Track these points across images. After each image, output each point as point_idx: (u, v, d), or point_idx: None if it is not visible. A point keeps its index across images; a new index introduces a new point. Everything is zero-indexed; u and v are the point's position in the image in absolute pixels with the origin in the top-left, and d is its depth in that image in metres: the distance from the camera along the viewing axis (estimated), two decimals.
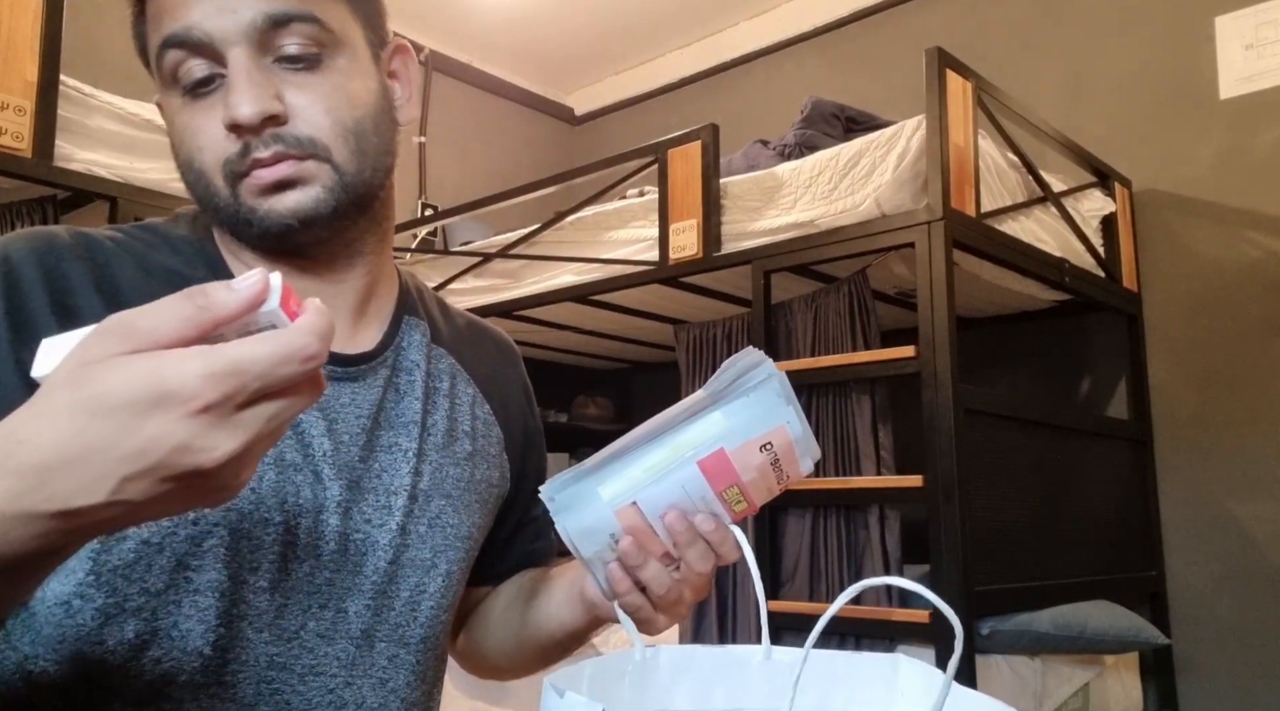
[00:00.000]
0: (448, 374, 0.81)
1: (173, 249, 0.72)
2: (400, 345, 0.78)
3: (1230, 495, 2.39)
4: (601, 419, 3.65)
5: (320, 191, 0.67)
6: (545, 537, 0.92)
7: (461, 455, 0.79)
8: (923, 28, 3.09)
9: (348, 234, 0.72)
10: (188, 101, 0.66)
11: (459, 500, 0.77)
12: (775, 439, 0.62)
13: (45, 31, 1.90)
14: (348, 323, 0.75)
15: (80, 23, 2.09)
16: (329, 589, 0.69)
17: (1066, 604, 1.97)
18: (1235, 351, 2.42)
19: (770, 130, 2.61)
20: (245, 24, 0.64)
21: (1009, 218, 2.07)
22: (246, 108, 0.63)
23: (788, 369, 2.06)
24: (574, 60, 3.98)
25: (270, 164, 0.65)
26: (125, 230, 0.73)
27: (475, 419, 0.82)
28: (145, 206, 2.05)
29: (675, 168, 2.27)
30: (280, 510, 0.66)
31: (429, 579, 0.74)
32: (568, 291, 2.51)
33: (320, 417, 0.70)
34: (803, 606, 1.97)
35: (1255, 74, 2.45)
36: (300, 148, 0.66)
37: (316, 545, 0.68)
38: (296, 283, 0.72)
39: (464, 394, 0.82)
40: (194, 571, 0.63)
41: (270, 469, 0.67)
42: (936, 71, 1.87)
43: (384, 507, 0.72)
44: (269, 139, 0.65)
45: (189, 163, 0.68)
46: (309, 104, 0.66)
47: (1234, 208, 2.45)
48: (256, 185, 0.66)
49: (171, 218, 0.77)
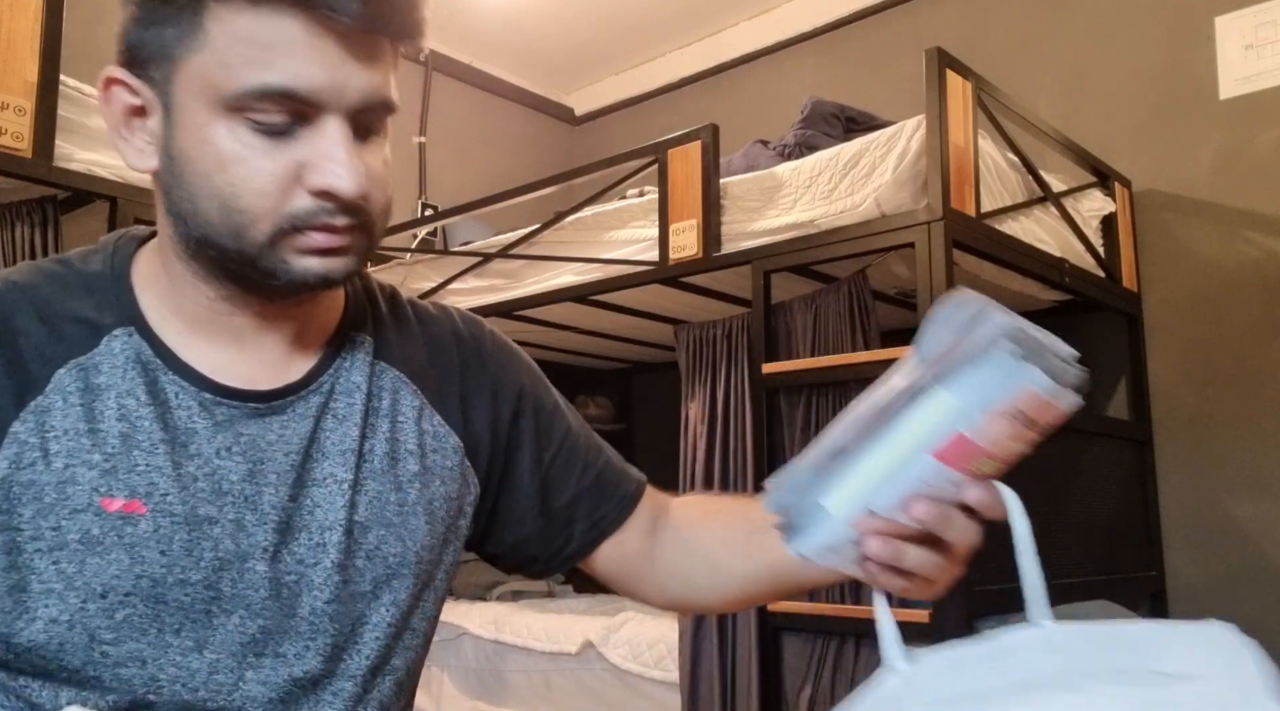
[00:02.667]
0: (389, 390, 0.77)
1: (86, 288, 0.70)
2: (341, 368, 0.75)
3: (1230, 495, 2.39)
4: (602, 419, 3.65)
5: (354, 260, 0.68)
6: (610, 499, 0.86)
7: (405, 477, 0.76)
8: (923, 28, 3.09)
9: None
10: (248, 132, 0.63)
11: (401, 527, 0.74)
12: (1022, 402, 0.52)
13: (45, 31, 1.90)
14: (283, 353, 0.73)
15: (80, 22, 2.09)
16: (264, 637, 0.67)
17: (1066, 603, 1.97)
18: (1235, 351, 2.42)
19: (770, 130, 2.61)
20: (357, 104, 0.64)
21: (1009, 218, 2.07)
22: (352, 185, 0.63)
23: (788, 369, 2.06)
24: (574, 60, 3.98)
25: (339, 233, 0.65)
26: (42, 269, 0.71)
27: (423, 433, 0.78)
28: (145, 207, 2.05)
29: (675, 168, 2.27)
30: (197, 568, 0.65)
31: (370, 610, 0.72)
32: (568, 291, 2.51)
33: (242, 461, 0.68)
34: (802, 606, 1.97)
35: (1255, 74, 2.45)
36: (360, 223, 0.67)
37: (245, 595, 0.66)
38: (231, 321, 0.71)
39: (408, 408, 0.78)
40: (111, 645, 0.62)
41: (180, 528, 0.65)
42: (936, 71, 1.87)
43: (318, 545, 0.70)
44: (348, 210, 0.65)
45: (226, 194, 0.63)
46: (375, 185, 0.67)
47: (1234, 208, 2.45)
48: (309, 245, 0.65)
49: (94, 247, 0.74)
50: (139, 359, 0.68)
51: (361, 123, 0.66)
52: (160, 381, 0.68)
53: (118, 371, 0.67)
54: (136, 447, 0.65)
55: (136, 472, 0.65)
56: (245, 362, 0.71)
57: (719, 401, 2.23)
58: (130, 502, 0.64)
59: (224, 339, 0.71)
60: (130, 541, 0.63)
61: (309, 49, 0.61)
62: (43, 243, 1.95)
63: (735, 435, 2.17)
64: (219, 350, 0.71)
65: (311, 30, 0.61)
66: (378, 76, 0.64)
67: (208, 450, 0.68)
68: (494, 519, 0.85)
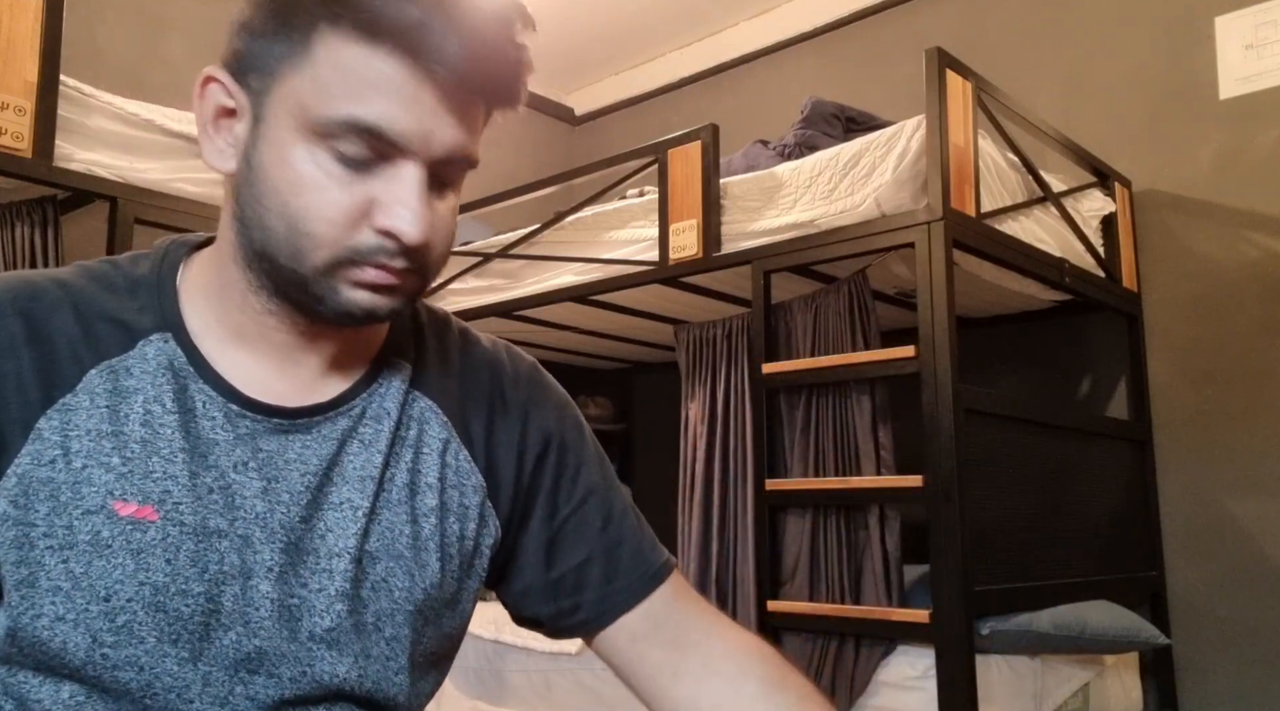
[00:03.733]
0: (418, 420, 0.76)
1: (130, 291, 0.70)
2: (375, 392, 0.75)
3: (1231, 495, 2.39)
4: (602, 419, 3.65)
5: (403, 300, 0.68)
6: (626, 573, 0.81)
7: (422, 510, 0.74)
8: (923, 28, 3.09)
9: None
10: (330, 160, 0.63)
11: (411, 561, 0.73)
12: None
13: (45, 31, 1.90)
14: (320, 372, 0.73)
15: (80, 23, 2.09)
16: (259, 656, 0.67)
17: (1066, 604, 1.97)
18: (1235, 351, 2.42)
19: (770, 130, 2.61)
20: (439, 154, 0.64)
21: (1009, 218, 2.07)
22: (417, 233, 0.64)
23: (788, 369, 2.06)
24: (574, 60, 3.98)
25: (394, 275, 0.66)
26: (90, 270, 0.72)
27: (445, 467, 0.76)
28: (145, 206, 2.05)
29: (675, 168, 2.27)
30: (200, 580, 0.65)
31: (371, 643, 0.71)
32: (568, 291, 2.51)
33: (257, 476, 0.68)
34: (802, 606, 1.97)
35: (1255, 74, 2.45)
36: (422, 268, 0.67)
37: (244, 612, 0.66)
38: (275, 336, 0.71)
39: (434, 440, 0.76)
40: (111, 648, 0.63)
41: (189, 538, 0.65)
42: (936, 71, 1.87)
43: (324, 571, 0.69)
44: (408, 254, 0.65)
45: (296, 216, 0.64)
46: (439, 233, 0.67)
47: (1234, 208, 2.45)
48: (363, 279, 0.65)
49: (146, 251, 0.75)
50: (171, 365, 0.68)
51: (440, 174, 0.66)
52: (189, 389, 0.68)
53: (148, 376, 0.68)
54: (156, 454, 0.66)
55: (152, 479, 0.65)
56: (281, 378, 0.71)
57: (719, 401, 2.23)
58: (142, 508, 0.64)
59: (264, 352, 0.71)
60: (137, 547, 0.64)
61: (405, 93, 0.62)
62: (42, 243, 1.95)
63: (735, 435, 2.18)
64: (257, 362, 0.71)
65: (413, 75, 0.62)
66: (466, 132, 0.65)
67: (225, 463, 0.68)
68: (507, 564, 0.83)
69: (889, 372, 1.92)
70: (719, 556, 2.15)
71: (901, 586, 1.93)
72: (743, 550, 2.10)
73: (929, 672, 1.79)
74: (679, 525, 2.25)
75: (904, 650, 1.91)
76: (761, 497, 2.06)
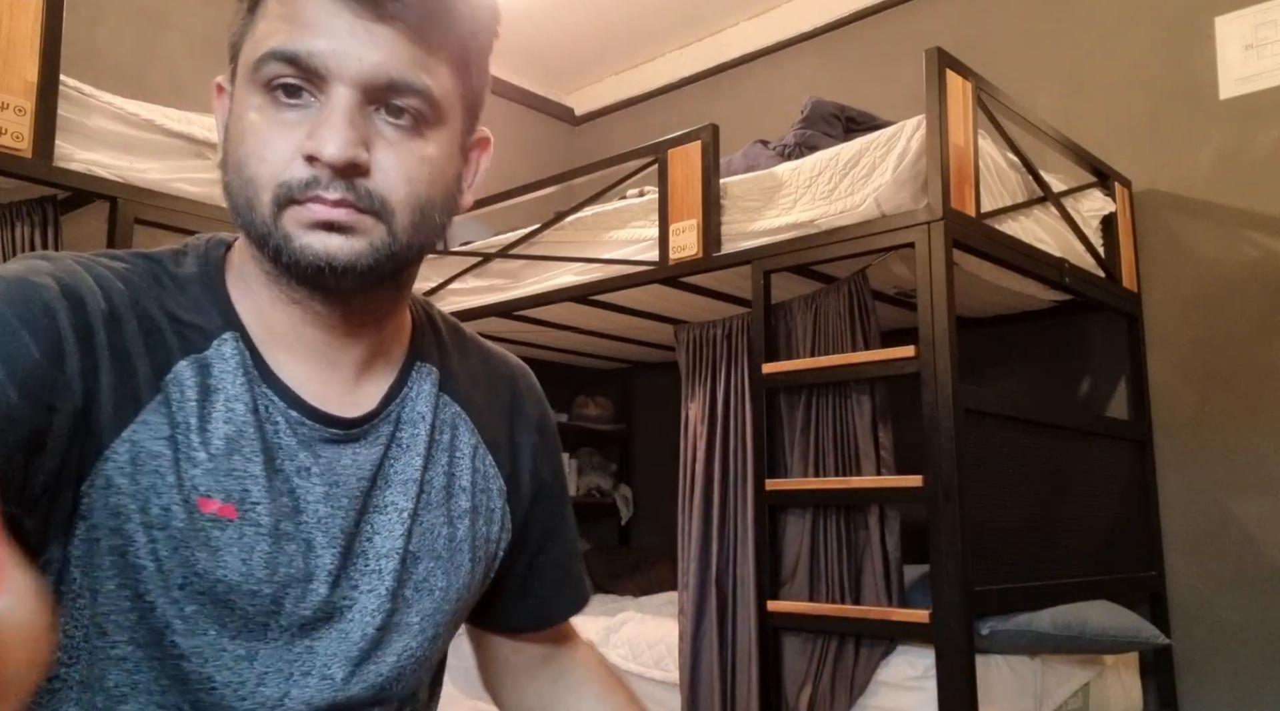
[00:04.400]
0: (450, 425, 0.78)
1: (180, 289, 0.70)
2: (408, 396, 0.76)
3: (1231, 495, 2.39)
4: (602, 419, 3.65)
5: (366, 247, 0.65)
6: (565, 593, 0.90)
7: (457, 512, 0.77)
8: (922, 28, 3.09)
9: (371, 296, 0.71)
10: (266, 104, 0.64)
11: (449, 561, 0.76)
12: None
13: (45, 31, 1.90)
14: (352, 378, 0.73)
15: (80, 23, 2.09)
16: (310, 657, 0.68)
17: (1066, 604, 1.97)
18: (1235, 351, 2.42)
19: (770, 130, 2.61)
20: (365, 75, 0.63)
21: (1009, 218, 2.07)
22: (335, 148, 0.62)
23: (788, 369, 2.06)
24: (574, 60, 3.98)
25: (331, 205, 0.64)
26: (136, 268, 0.69)
27: (475, 471, 0.79)
28: (145, 206, 2.05)
29: (675, 168, 2.28)
30: (270, 582, 0.66)
31: (415, 643, 0.74)
32: (568, 291, 2.52)
33: (320, 482, 0.69)
34: (802, 606, 1.97)
35: (1255, 74, 2.45)
36: (368, 203, 0.64)
37: (301, 613, 0.68)
38: (306, 332, 0.70)
39: (465, 445, 0.79)
40: (180, 636, 0.64)
41: (263, 540, 0.66)
42: (936, 71, 1.87)
43: (374, 572, 0.71)
44: (340, 184, 0.63)
45: (241, 164, 0.65)
46: (393, 166, 0.65)
47: (1234, 208, 2.46)
48: (307, 217, 0.64)
49: (178, 248, 0.74)
50: (244, 366, 0.69)
51: (392, 103, 0.65)
52: (254, 391, 0.69)
53: (228, 376, 0.68)
54: (238, 452, 0.66)
55: (234, 477, 0.66)
56: (321, 381, 0.72)
57: (719, 401, 2.23)
58: (225, 506, 0.65)
59: (302, 354, 0.71)
60: (216, 544, 0.65)
61: (321, 17, 0.63)
62: (42, 242, 1.95)
63: (735, 435, 2.18)
64: (299, 364, 0.71)
65: (330, 7, 0.63)
66: (396, 55, 0.64)
67: (289, 467, 0.69)
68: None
69: (889, 373, 1.92)
70: (719, 556, 2.15)
71: (901, 586, 1.93)
72: (743, 550, 2.10)
73: (929, 673, 1.79)
74: (679, 525, 2.25)
75: (904, 650, 1.91)
76: (761, 497, 2.06)
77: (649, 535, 3.64)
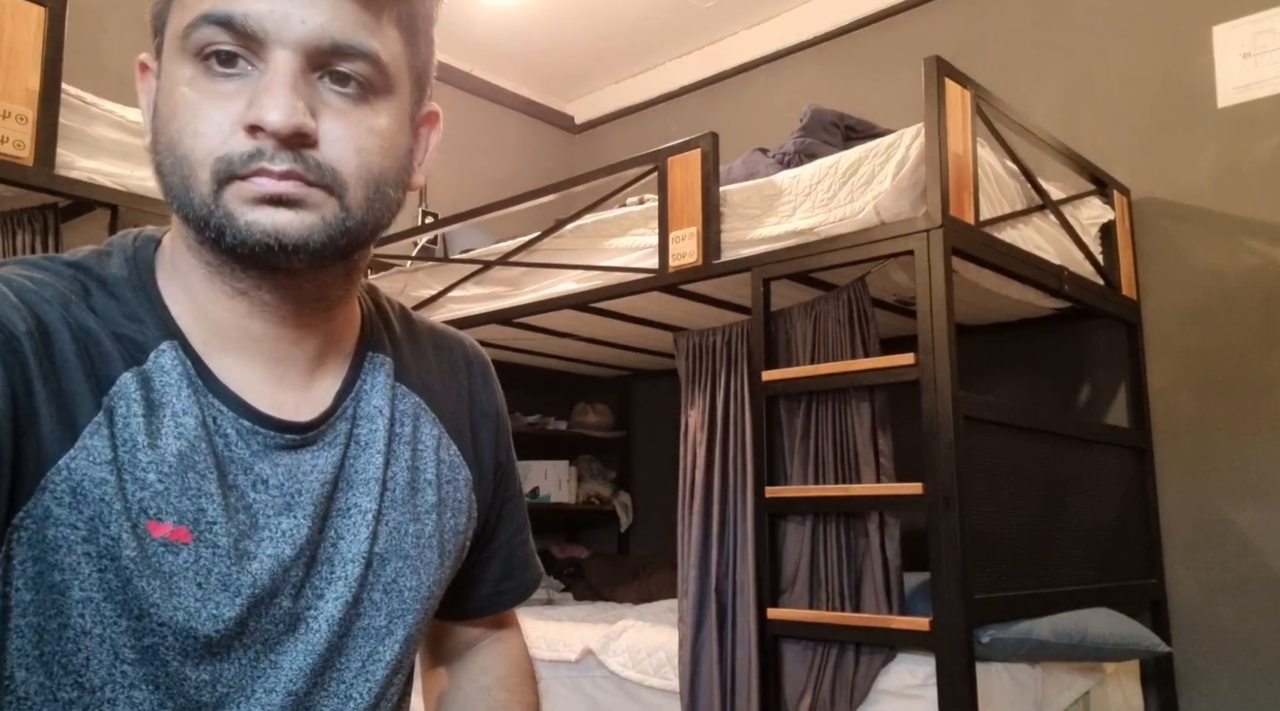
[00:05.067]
0: (410, 416, 0.75)
1: (111, 295, 0.64)
2: (362, 390, 0.72)
3: (1230, 502, 2.39)
4: (601, 426, 3.65)
5: (317, 222, 0.61)
6: (516, 576, 0.87)
7: (424, 508, 0.74)
8: (921, 36, 3.10)
9: (322, 277, 0.66)
10: (199, 75, 0.60)
11: (417, 559, 0.73)
12: None
13: (47, 40, 1.90)
14: (305, 376, 0.69)
15: (82, 31, 2.10)
16: (273, 672, 0.66)
17: (1067, 611, 1.97)
18: (1234, 359, 2.42)
19: (769, 138, 2.61)
20: (307, 38, 0.59)
21: (1008, 225, 2.07)
22: (279, 115, 0.58)
23: (788, 376, 2.06)
24: (574, 68, 3.99)
25: (277, 177, 0.59)
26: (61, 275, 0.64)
27: (440, 463, 0.76)
28: (146, 214, 2.05)
29: (675, 175, 2.28)
30: (232, 605, 0.63)
31: (384, 647, 0.71)
32: (568, 299, 2.52)
33: (279, 493, 0.66)
34: (802, 614, 1.96)
35: (1253, 83, 2.45)
36: (318, 175, 0.60)
37: (265, 630, 0.65)
38: (253, 328, 0.66)
39: (428, 437, 0.76)
40: (131, 665, 0.61)
41: (221, 561, 0.62)
42: (935, 80, 1.88)
43: (338, 578, 0.68)
44: (287, 155, 0.59)
45: (174, 142, 0.60)
46: (342, 136, 0.61)
47: (1232, 216, 2.46)
48: (252, 192, 0.59)
49: (102, 248, 0.68)
50: (186, 376, 0.64)
51: (336, 69, 0.61)
52: (201, 403, 0.64)
53: (171, 389, 0.63)
54: (191, 469, 0.62)
55: (188, 496, 0.62)
56: (273, 382, 0.68)
57: (719, 408, 2.23)
58: (178, 529, 0.61)
59: (250, 353, 0.67)
60: (169, 570, 0.61)
61: None
62: (44, 250, 1.96)
63: (735, 442, 2.18)
64: (249, 367, 0.67)
65: None
66: (338, 16, 0.60)
67: (244, 482, 0.65)
68: None
69: (889, 380, 1.92)
70: (719, 564, 2.15)
71: (901, 594, 1.92)
72: (742, 557, 2.10)
73: (929, 681, 1.79)
74: (678, 532, 2.25)
75: (904, 658, 1.91)
76: (761, 505, 2.06)
77: (648, 542, 3.63)
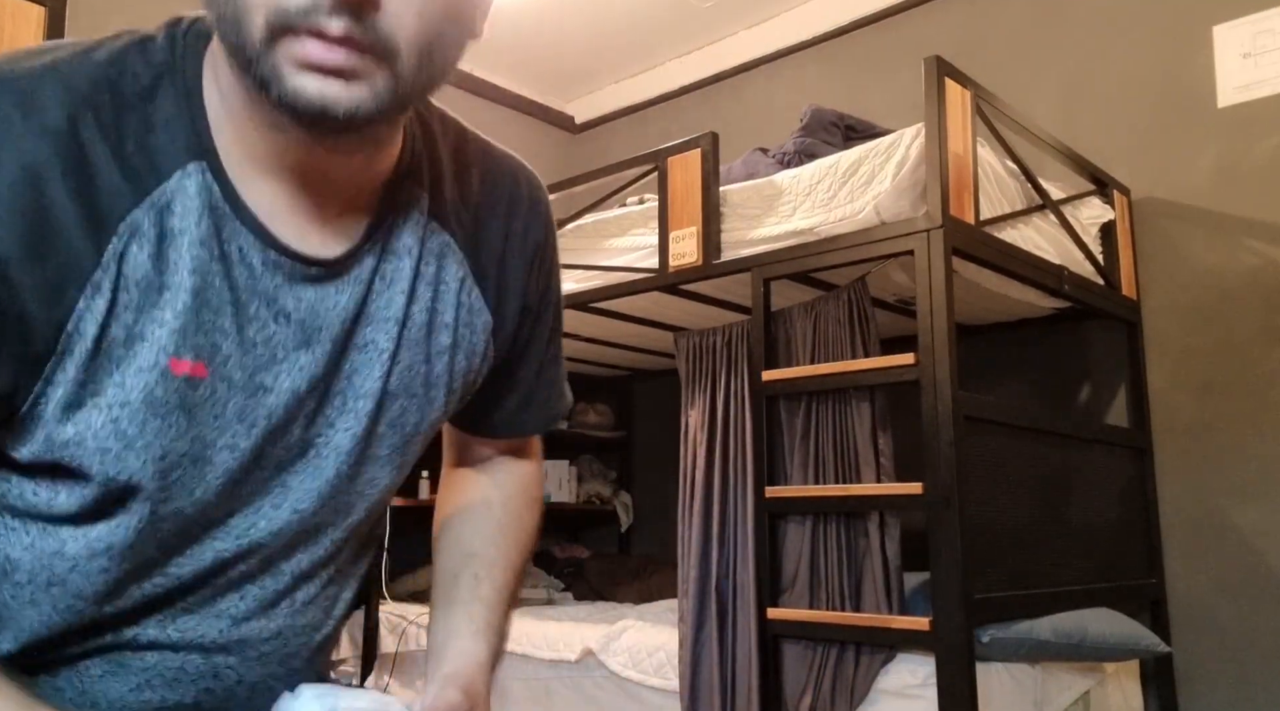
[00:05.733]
0: (436, 255, 0.73)
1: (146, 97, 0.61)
2: (394, 224, 0.69)
3: (1230, 502, 2.39)
4: (602, 426, 3.65)
5: (368, 93, 0.56)
6: (535, 409, 0.87)
7: (437, 349, 0.73)
8: (922, 36, 3.10)
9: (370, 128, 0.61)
10: None
11: (423, 398, 0.74)
12: None
13: (47, 40, 1.91)
14: (336, 206, 0.66)
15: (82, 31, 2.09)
16: (282, 492, 0.69)
17: (1066, 611, 1.97)
18: (1234, 359, 2.42)
19: (770, 138, 2.61)
20: None
21: (1008, 225, 2.08)
22: None
23: (788, 376, 2.06)
24: (574, 68, 3.99)
25: (331, 43, 0.54)
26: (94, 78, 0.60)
27: (460, 306, 0.74)
28: None
29: (675, 175, 2.28)
30: (248, 436, 0.65)
31: (382, 473, 0.74)
32: (568, 298, 2.50)
33: (299, 329, 0.65)
34: (803, 614, 1.96)
35: (1253, 82, 2.46)
36: (373, 44, 0.55)
37: (278, 455, 0.68)
38: (289, 155, 0.62)
39: (452, 278, 0.74)
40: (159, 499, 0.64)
41: (237, 395, 0.63)
42: (935, 80, 1.88)
43: (349, 411, 0.70)
44: (347, 17, 0.54)
45: None
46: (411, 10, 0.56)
47: (1232, 215, 2.46)
48: (301, 55, 0.54)
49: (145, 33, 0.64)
50: (210, 202, 0.61)
51: None
52: (225, 231, 0.61)
53: (191, 215, 0.60)
54: (206, 306, 0.61)
55: (204, 333, 0.61)
56: (301, 213, 0.65)
57: (719, 408, 2.23)
58: (196, 365, 0.61)
59: (282, 180, 0.63)
60: (190, 404, 0.62)
61: None
62: None
63: (735, 442, 2.18)
64: (278, 194, 0.63)
65: None
66: None
67: (265, 314, 0.64)
68: None
69: (889, 380, 1.92)
70: (719, 563, 2.15)
71: (901, 594, 1.92)
72: (743, 557, 2.10)
73: (929, 680, 1.79)
74: (679, 532, 2.25)
75: (904, 658, 1.91)
76: (761, 505, 2.06)
77: (649, 542, 3.63)
